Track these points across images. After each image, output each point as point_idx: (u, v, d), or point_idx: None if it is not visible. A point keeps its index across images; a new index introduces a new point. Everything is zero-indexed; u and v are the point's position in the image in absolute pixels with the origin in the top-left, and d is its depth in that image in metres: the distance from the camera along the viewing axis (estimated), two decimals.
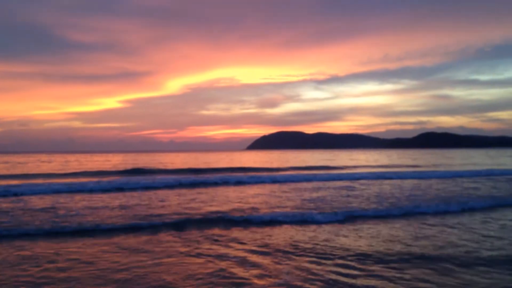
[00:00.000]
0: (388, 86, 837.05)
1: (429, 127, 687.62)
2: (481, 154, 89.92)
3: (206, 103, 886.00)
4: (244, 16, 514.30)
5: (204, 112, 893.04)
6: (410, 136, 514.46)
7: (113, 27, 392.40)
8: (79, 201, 14.63)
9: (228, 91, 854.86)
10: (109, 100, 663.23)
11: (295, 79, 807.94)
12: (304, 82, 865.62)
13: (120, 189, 18.89)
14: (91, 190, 18.12)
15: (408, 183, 22.41)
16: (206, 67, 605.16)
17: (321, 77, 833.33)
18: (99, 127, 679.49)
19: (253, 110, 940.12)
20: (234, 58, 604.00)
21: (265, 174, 28.64)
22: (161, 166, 39.63)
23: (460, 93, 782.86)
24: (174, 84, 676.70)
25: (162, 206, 13.29)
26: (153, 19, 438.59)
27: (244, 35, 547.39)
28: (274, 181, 23.77)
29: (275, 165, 42.95)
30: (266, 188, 19.77)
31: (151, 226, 10.14)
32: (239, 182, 22.74)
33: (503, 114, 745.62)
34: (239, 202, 14.33)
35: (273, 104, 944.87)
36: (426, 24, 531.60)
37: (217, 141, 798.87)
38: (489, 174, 28.88)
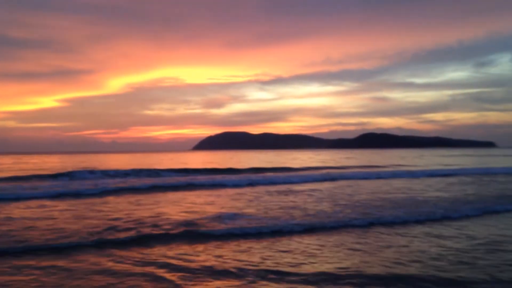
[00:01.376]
0: (330, 88, 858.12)
1: (370, 128, 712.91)
2: (415, 154, 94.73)
3: (149, 103, 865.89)
4: (188, 15, 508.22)
5: (148, 112, 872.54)
6: (351, 136, 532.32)
7: (49, 23, 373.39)
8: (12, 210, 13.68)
9: (173, 91, 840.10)
10: (46, 99, 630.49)
11: (240, 79, 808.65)
12: (249, 82, 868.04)
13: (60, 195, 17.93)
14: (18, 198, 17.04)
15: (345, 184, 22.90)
16: (149, 66, 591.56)
17: (266, 78, 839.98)
18: (35, 127, 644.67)
19: (198, 111, 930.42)
20: (178, 57, 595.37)
21: (219, 176, 28.29)
22: (102, 168, 38.15)
23: (397, 95, 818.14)
24: (116, 83, 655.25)
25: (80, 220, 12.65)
26: (92, 16, 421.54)
27: (189, 34, 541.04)
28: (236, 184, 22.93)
29: (232, 166, 42.67)
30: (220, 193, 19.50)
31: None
32: (190, 185, 22.17)
33: (438, 116, 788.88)
34: (187, 211, 13.96)
35: (218, 104, 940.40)
36: (365, 29, 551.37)
37: (162, 141, 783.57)
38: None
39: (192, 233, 9.91)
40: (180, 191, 20.07)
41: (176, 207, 14.37)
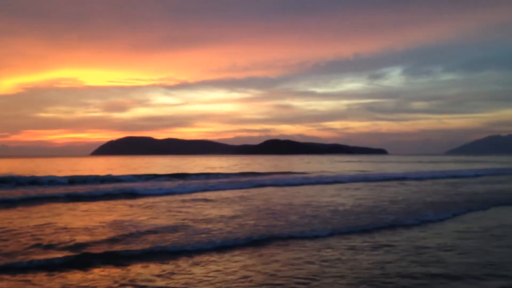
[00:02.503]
0: (236, 95, 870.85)
1: (273, 135, 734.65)
2: (317, 160, 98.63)
3: (44, 105, 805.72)
4: (88, 15, 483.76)
5: (43, 115, 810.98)
6: (256, 142, 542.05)
7: None
8: None
9: (71, 93, 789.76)
10: None
11: (144, 83, 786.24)
12: (153, 87, 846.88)
13: None
14: None
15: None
16: (44, 66, 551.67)
17: (171, 82, 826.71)
18: None
19: (99, 114, 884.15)
20: (77, 58, 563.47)
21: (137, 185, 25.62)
22: None
23: (299, 104, 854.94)
24: (6, 83, 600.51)
25: None
26: None
27: (89, 35, 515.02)
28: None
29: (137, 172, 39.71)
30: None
31: None
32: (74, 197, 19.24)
33: (336, 124, 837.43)
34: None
35: (121, 108, 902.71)
36: (271, 38, 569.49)
37: (58, 146, 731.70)
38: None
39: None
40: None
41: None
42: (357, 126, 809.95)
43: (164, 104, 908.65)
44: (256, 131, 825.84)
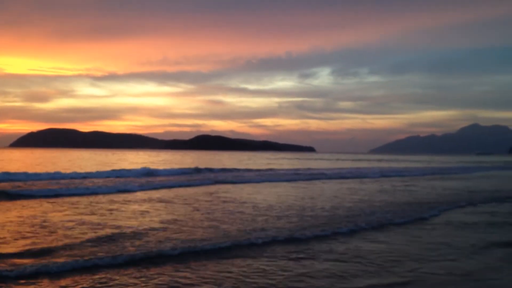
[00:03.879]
0: (167, 89, 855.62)
1: (204, 130, 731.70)
2: (248, 156, 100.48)
3: None
4: None
5: None
6: (187, 138, 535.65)
7: None
8: None
9: None
10: None
11: (69, 73, 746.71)
12: (79, 77, 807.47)
13: None
14: None
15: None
16: None
17: (98, 73, 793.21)
18: None
19: (18, 104, 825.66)
20: None
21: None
22: None
23: (231, 100, 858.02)
24: None
25: None
26: None
27: (6, 20, 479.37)
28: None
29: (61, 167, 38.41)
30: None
31: None
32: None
33: (267, 121, 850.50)
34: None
35: (43, 98, 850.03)
36: (204, 32, 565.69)
37: None
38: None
39: None
40: None
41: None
42: (287, 123, 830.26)
43: (90, 95, 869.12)
44: (187, 126, 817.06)
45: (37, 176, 26.34)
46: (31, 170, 33.44)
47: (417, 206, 16.97)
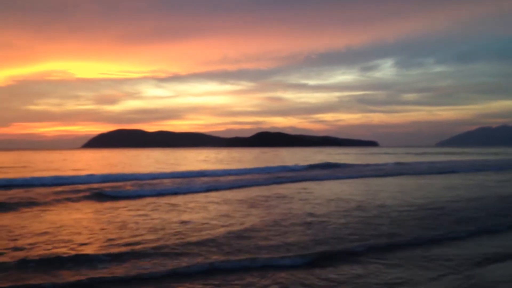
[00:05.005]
0: (227, 87, 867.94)
1: (265, 127, 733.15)
2: (309, 152, 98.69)
3: (34, 98, 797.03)
4: (75, 6, 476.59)
5: (33, 107, 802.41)
6: (247, 135, 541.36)
7: None
8: None
9: (61, 85, 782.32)
10: None
11: (135, 75, 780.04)
12: (144, 79, 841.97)
13: None
14: None
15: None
16: (34, 59, 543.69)
17: (163, 75, 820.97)
18: None
19: (89, 107, 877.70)
20: (67, 50, 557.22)
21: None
22: None
23: (291, 96, 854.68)
24: None
25: None
26: None
27: (77, 26, 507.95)
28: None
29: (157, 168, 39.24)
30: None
31: None
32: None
33: (327, 116, 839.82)
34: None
35: (111, 100, 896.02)
36: (262, 30, 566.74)
37: (48, 138, 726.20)
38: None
39: None
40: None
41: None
42: (348, 118, 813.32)
43: (155, 96, 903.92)
44: (248, 124, 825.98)
45: (144, 176, 25.93)
46: (123, 170, 33.47)
47: None
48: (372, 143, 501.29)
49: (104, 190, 17.58)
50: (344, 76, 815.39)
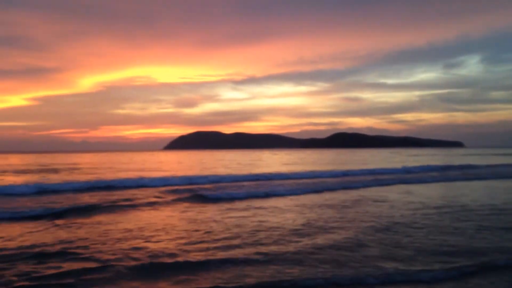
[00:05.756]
0: (303, 88, 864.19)
1: (341, 128, 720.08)
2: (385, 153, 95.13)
3: (121, 102, 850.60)
4: (159, 13, 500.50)
5: (119, 111, 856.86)
6: (323, 136, 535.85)
7: (16, 20, 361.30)
8: None
9: (144, 90, 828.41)
10: (14, 98, 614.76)
11: (213, 79, 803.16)
12: (222, 82, 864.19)
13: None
14: None
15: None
16: (120, 65, 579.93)
17: (239, 77, 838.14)
18: (2, 126, 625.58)
19: (170, 110, 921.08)
20: (150, 56, 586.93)
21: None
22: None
23: (369, 96, 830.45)
24: (86, 82, 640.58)
25: None
26: (62, 13, 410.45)
27: (160, 33, 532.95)
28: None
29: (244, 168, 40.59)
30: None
31: None
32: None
33: (407, 116, 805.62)
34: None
35: (191, 104, 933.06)
36: (338, 29, 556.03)
37: (133, 141, 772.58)
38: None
39: None
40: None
41: None
42: (430, 117, 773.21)
43: (232, 99, 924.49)
44: (323, 125, 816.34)
45: (236, 178, 26.20)
46: (215, 172, 33.63)
47: None
48: (456, 144, 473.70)
49: (204, 193, 17.98)
50: (426, 74, 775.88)
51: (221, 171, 34.33)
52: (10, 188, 18.63)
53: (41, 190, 18.66)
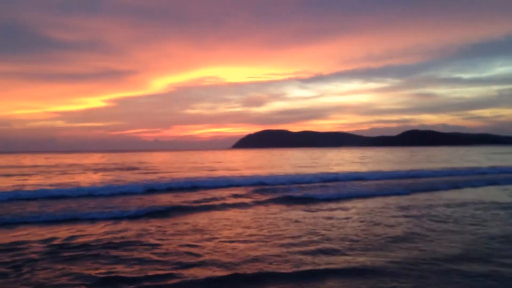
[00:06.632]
0: (372, 85, 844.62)
1: (413, 125, 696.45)
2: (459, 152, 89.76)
3: (191, 102, 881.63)
4: (227, 15, 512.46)
5: (189, 111, 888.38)
6: (393, 134, 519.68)
7: (96, 26, 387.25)
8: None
9: (213, 90, 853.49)
10: (93, 99, 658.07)
11: (280, 77, 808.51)
12: (289, 81, 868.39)
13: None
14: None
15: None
16: (190, 66, 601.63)
17: (306, 75, 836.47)
18: (82, 127, 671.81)
19: (238, 109, 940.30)
20: (218, 57, 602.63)
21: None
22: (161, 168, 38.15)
23: (443, 91, 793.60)
24: (159, 83, 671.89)
25: None
26: (135, 18, 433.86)
27: (228, 34, 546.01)
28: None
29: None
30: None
31: None
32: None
33: (485, 112, 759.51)
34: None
35: (258, 102, 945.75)
36: (408, 24, 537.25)
37: (203, 140, 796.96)
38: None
39: None
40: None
41: None
42: (511, 113, 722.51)
43: (299, 97, 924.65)
44: (393, 122, 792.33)
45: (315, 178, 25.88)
46: (295, 171, 33.68)
47: None
48: None
49: (292, 195, 18.75)
50: (505, 67, 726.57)
51: (300, 170, 34.56)
52: (123, 187, 21.20)
53: (150, 189, 21.00)
